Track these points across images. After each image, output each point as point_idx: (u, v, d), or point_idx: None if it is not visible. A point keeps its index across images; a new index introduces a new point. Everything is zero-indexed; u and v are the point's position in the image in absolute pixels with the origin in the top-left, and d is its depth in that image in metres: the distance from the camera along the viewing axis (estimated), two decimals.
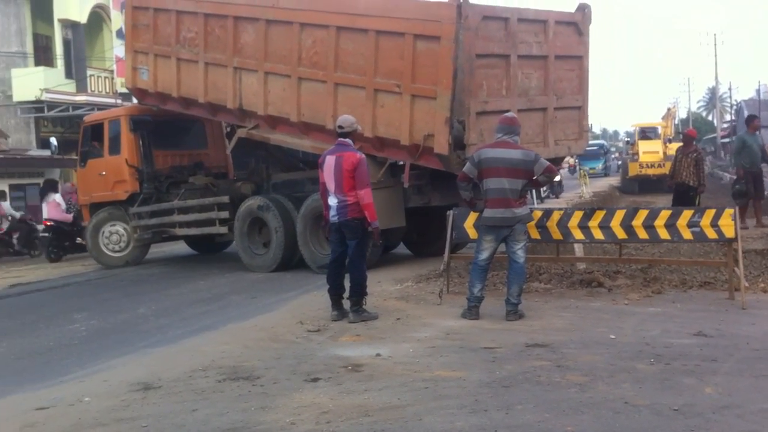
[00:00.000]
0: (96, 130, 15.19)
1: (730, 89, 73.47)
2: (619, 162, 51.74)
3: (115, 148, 14.67)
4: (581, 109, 12.06)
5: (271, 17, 12.03)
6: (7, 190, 24.27)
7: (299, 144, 12.44)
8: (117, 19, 28.23)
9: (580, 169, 38.31)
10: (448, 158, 10.15)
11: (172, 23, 13.56)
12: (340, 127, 8.28)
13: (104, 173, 14.82)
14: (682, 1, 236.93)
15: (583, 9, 11.71)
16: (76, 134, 16.98)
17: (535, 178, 7.84)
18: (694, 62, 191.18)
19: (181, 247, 16.87)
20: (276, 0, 12.13)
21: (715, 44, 68.94)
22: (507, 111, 9.14)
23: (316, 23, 11.49)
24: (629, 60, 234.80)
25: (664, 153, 31.42)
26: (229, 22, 12.59)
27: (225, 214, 13.20)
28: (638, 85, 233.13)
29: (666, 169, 31.30)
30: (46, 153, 22.54)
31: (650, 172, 31.80)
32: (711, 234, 8.22)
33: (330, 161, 8.09)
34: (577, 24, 11.62)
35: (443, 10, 10.02)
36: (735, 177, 14.26)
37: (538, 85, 11.17)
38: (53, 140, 17.29)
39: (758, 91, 53.89)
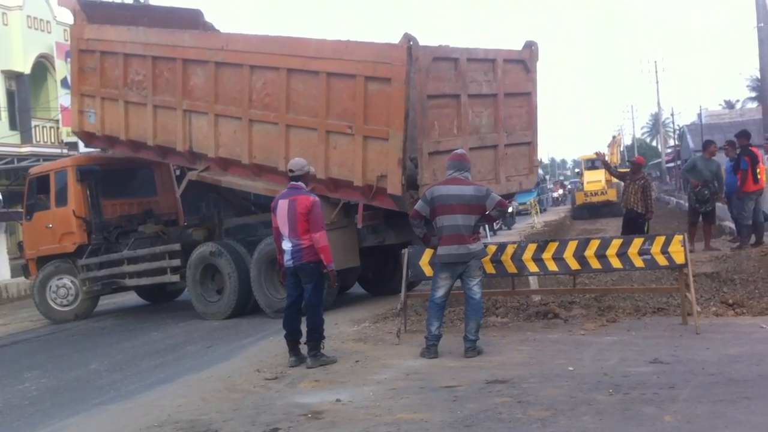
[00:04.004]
0: (42, 181, 14.91)
1: (672, 115, 75.14)
2: (554, 194, 53.00)
3: (62, 200, 14.40)
4: (531, 145, 12.26)
5: (221, 59, 11.99)
6: None
7: (252, 186, 12.36)
8: (62, 68, 27.88)
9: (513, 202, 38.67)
10: (402, 198, 10.16)
11: (120, 66, 13.44)
12: (291, 170, 8.25)
13: (51, 225, 14.53)
14: (623, 30, 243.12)
15: (530, 47, 11.93)
16: (21, 186, 16.68)
17: (487, 212, 7.89)
18: (636, 89, 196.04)
19: (131, 298, 16.56)
20: (225, 42, 12.13)
21: (656, 71, 70.91)
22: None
23: (267, 65, 11.48)
24: (573, 89, 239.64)
25: (608, 181, 33.36)
26: (178, 65, 12.52)
27: (176, 262, 13.01)
28: (583, 113, 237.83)
29: (608, 196, 33.71)
30: None
31: (594, 199, 35.22)
32: (662, 261, 8.34)
33: (283, 205, 8.04)
34: (525, 62, 11.84)
35: (394, 52, 10.07)
36: (690, 191, 14.43)
37: (488, 123, 11.31)
38: None
39: (699, 115, 55.19)
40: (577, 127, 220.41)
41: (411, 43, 9.91)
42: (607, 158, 37.03)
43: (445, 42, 11.09)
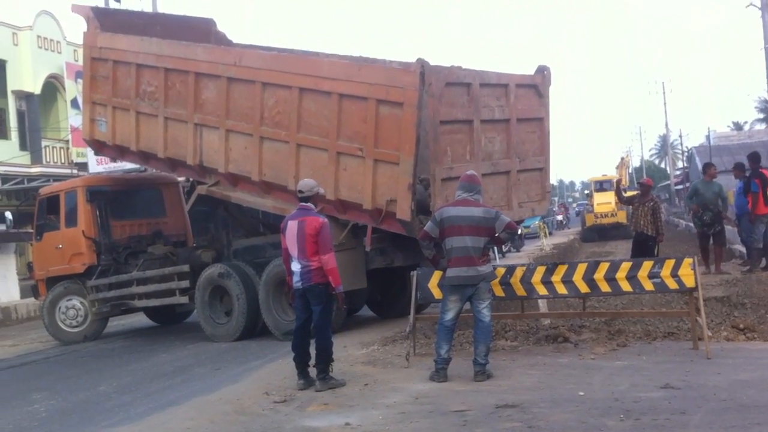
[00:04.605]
0: (52, 202, 14.97)
1: (680, 136, 75.44)
2: (558, 218, 52.97)
3: (71, 220, 14.44)
4: (543, 171, 12.20)
5: (233, 75, 11.98)
6: None
7: (261, 203, 12.35)
8: (72, 89, 28.15)
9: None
10: (411, 224, 10.07)
11: (132, 76, 13.46)
12: (301, 191, 8.27)
13: (61, 246, 14.56)
14: (631, 52, 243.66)
15: (543, 71, 11.91)
16: (31, 207, 16.74)
17: (497, 235, 7.89)
18: (644, 111, 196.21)
19: (140, 319, 16.56)
20: (238, 58, 12.14)
21: (664, 93, 71.11)
22: None
23: (279, 83, 11.44)
24: (581, 110, 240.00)
25: (617, 203, 33.32)
26: (191, 78, 12.53)
27: (185, 284, 13.01)
28: (591, 134, 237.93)
29: (618, 218, 33.77)
30: (1, 227, 22.13)
31: (604, 221, 35.46)
32: (672, 284, 8.30)
33: (292, 226, 8.05)
34: (537, 86, 11.82)
35: (406, 76, 10.02)
36: (693, 217, 14.53)
37: (501, 149, 11.27)
38: (8, 214, 17.01)
39: (708, 137, 55.22)
40: (585, 148, 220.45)
41: (424, 68, 9.86)
42: (614, 180, 37.27)
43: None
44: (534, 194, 12.05)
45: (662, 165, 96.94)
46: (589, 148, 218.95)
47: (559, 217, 55.94)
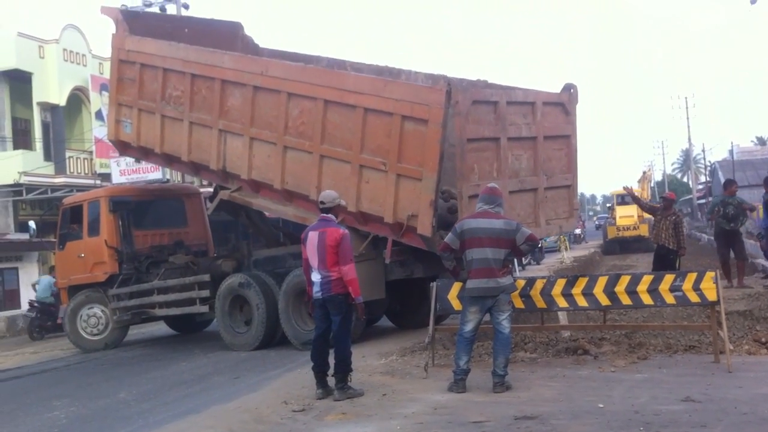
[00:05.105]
0: (75, 212, 15.14)
1: (703, 151, 74.71)
2: (577, 231, 52.73)
3: (94, 230, 14.59)
4: (571, 188, 12.16)
5: (259, 84, 12.05)
6: None
7: (282, 211, 12.41)
8: (96, 101, 28.43)
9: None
10: (432, 240, 10.03)
11: (159, 80, 13.58)
12: (322, 203, 8.31)
13: (83, 255, 14.71)
14: (655, 66, 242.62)
15: (569, 89, 11.89)
16: (54, 216, 16.92)
17: (517, 246, 7.87)
18: (667, 125, 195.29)
19: (161, 328, 16.65)
20: (265, 67, 12.21)
21: (687, 107, 70.30)
22: None
23: (304, 94, 11.49)
24: (604, 123, 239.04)
25: (639, 216, 33.49)
26: (217, 85, 12.62)
27: (206, 293, 13.09)
28: (613, 148, 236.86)
29: (640, 231, 33.74)
30: (25, 236, 22.37)
31: (626, 234, 35.41)
32: (693, 298, 8.23)
33: (313, 237, 8.09)
34: (564, 104, 11.80)
35: (432, 94, 10.02)
36: (715, 219, 14.62)
37: (528, 166, 11.25)
38: (32, 223, 17.20)
39: (731, 151, 54.84)
40: (607, 162, 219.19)
41: (450, 86, 9.85)
42: (637, 194, 37.19)
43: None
44: (561, 211, 12.00)
45: (684, 179, 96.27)
46: (611, 161, 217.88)
47: (578, 231, 55.66)
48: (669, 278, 8.35)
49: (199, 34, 14.63)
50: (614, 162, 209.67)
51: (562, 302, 8.67)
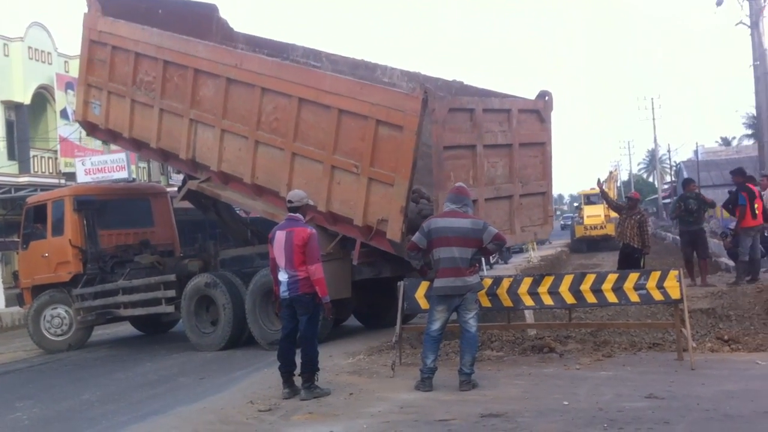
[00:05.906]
0: (39, 211, 14.91)
1: (669, 151, 75.48)
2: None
3: (58, 229, 14.38)
4: (546, 195, 12.24)
5: (233, 77, 11.93)
6: None
7: (251, 205, 12.32)
8: (61, 100, 28.07)
9: None
10: (401, 245, 10.00)
11: (130, 64, 13.40)
12: (290, 201, 8.28)
13: (47, 255, 14.49)
14: (621, 67, 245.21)
15: (544, 96, 11.94)
16: (18, 216, 16.66)
17: (484, 246, 7.90)
18: (634, 126, 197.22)
19: (126, 328, 16.48)
20: (240, 60, 12.08)
21: (653, 108, 71.13)
22: (474, 200, 9.19)
23: (280, 91, 11.40)
24: (570, 124, 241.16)
25: (606, 216, 34.16)
26: (190, 74, 12.48)
27: (171, 293, 12.97)
28: (580, 148, 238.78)
29: (607, 231, 34.28)
30: None
31: (594, 233, 36.40)
32: (657, 296, 8.34)
33: (280, 236, 8.06)
34: (539, 111, 11.86)
35: (409, 101, 9.96)
36: (676, 215, 15.04)
37: (503, 174, 11.28)
38: None
39: (696, 152, 55.52)
40: (573, 162, 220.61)
41: (427, 94, 9.81)
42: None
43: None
44: (536, 218, 12.06)
45: (650, 179, 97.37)
46: (577, 161, 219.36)
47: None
48: (633, 277, 8.45)
49: (173, 16, 14.46)
50: (581, 162, 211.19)
51: (528, 301, 8.73)
